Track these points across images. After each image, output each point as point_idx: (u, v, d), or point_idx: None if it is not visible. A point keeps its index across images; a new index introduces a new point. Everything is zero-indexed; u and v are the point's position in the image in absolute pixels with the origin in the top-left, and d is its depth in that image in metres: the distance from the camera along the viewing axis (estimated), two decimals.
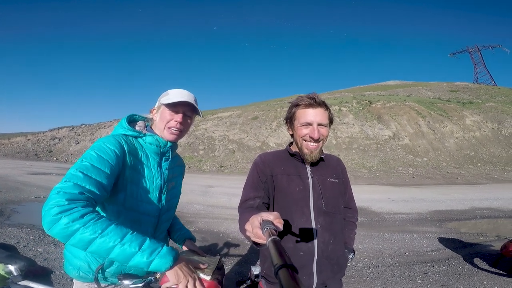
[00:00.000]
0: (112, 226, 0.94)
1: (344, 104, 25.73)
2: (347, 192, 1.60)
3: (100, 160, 1.08)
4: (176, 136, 1.33)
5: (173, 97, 1.29)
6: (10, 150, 23.50)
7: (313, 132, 1.32)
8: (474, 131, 22.31)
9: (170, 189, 1.39)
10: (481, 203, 8.56)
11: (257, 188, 1.35)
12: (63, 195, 0.92)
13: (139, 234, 0.99)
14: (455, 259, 4.26)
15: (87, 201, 0.97)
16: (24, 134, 29.38)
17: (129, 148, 1.22)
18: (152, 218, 1.30)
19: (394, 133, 21.43)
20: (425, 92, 36.38)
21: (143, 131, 1.32)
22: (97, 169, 1.06)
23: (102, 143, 1.15)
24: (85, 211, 0.92)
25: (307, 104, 1.34)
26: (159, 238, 1.39)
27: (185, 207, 7.28)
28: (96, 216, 0.94)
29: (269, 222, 0.79)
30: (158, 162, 1.33)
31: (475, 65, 68.82)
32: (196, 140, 21.20)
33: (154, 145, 1.31)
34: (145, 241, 0.97)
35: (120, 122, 1.31)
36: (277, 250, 0.60)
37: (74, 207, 0.91)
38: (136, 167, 1.24)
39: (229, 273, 3.62)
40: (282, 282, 0.50)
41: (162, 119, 1.31)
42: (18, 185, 9.29)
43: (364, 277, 3.65)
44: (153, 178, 1.29)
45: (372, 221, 6.55)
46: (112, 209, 1.19)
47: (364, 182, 13.52)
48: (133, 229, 1.21)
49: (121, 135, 1.24)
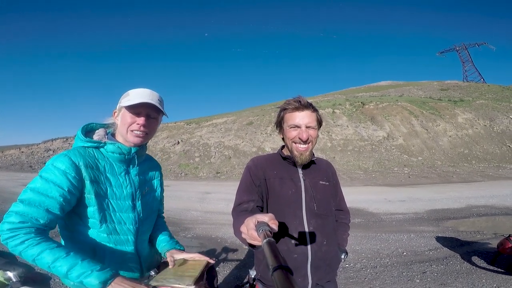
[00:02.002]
0: (46, 251, 1.02)
1: (337, 106, 25.90)
2: (338, 194, 1.63)
3: (45, 185, 1.08)
4: (141, 139, 1.26)
5: (133, 98, 1.22)
6: (4, 163, 23.18)
7: (301, 134, 1.35)
8: (466, 129, 22.58)
9: (145, 195, 1.36)
10: (477, 200, 8.63)
11: (251, 191, 1.36)
12: (6, 225, 1.03)
13: (76, 256, 1.04)
14: (453, 257, 4.27)
15: (29, 227, 1.04)
16: (18, 146, 29.03)
17: (87, 161, 1.18)
18: (130, 226, 1.28)
19: (388, 133, 21.60)
20: (417, 92, 36.82)
21: (103, 139, 1.27)
22: (41, 195, 1.07)
23: (51, 164, 1.12)
24: (25, 238, 1.02)
25: (294, 107, 1.37)
26: (142, 245, 1.37)
27: (183, 213, 7.25)
28: (34, 242, 1.02)
29: (264, 223, 0.79)
30: (125, 170, 1.29)
31: (463, 63, 69.88)
32: (192, 148, 21.12)
33: (116, 153, 1.25)
34: (76, 264, 1.02)
35: (76, 133, 1.25)
36: (272, 252, 0.60)
37: (15, 235, 1.02)
38: (99, 179, 1.20)
39: (227, 277, 3.61)
40: (277, 283, 0.50)
41: (123, 123, 1.24)
42: (13, 196, 9.15)
43: (362, 278, 3.65)
44: (122, 187, 1.26)
45: (369, 222, 6.56)
46: (88, 222, 1.19)
47: (360, 183, 13.57)
48: (112, 239, 1.24)
49: (79, 148, 1.20)
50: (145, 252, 1.38)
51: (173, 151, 21.14)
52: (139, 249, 1.33)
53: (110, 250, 1.23)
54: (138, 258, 1.33)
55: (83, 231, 1.19)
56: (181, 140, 22.52)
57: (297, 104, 1.37)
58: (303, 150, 1.37)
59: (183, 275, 1.20)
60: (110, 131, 1.32)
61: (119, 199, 1.24)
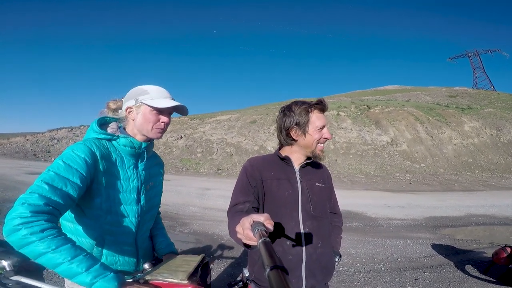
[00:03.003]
0: (68, 245, 0.96)
1: (342, 108, 25.79)
2: (332, 198, 1.63)
3: (68, 169, 1.07)
4: (162, 135, 1.33)
5: (159, 98, 1.27)
6: (9, 150, 23.46)
7: (327, 134, 1.41)
8: (472, 138, 22.35)
9: (148, 189, 1.39)
10: (477, 209, 8.57)
11: (247, 192, 1.36)
12: (27, 207, 0.93)
13: (93, 258, 1.02)
14: (447, 265, 4.27)
15: (50, 214, 0.98)
16: (23, 134, 29.35)
17: (102, 152, 1.20)
18: (132, 219, 1.30)
19: (392, 138, 21.47)
20: (424, 97, 36.47)
21: (116, 133, 1.30)
22: (64, 179, 1.05)
23: (71, 150, 1.13)
24: (45, 226, 0.94)
25: (321, 108, 1.41)
26: (142, 237, 1.40)
27: (181, 209, 7.30)
28: (55, 233, 0.96)
29: (260, 223, 0.79)
30: (134, 164, 1.32)
31: (474, 70, 68.23)
32: (194, 143, 21.21)
33: (128, 146, 1.29)
34: (94, 265, 0.99)
35: (91, 125, 1.28)
36: (268, 252, 0.61)
37: (36, 221, 0.92)
38: (111, 171, 1.23)
39: (221, 275, 3.64)
40: (272, 283, 0.50)
41: (147, 121, 1.27)
42: (16, 184, 9.27)
43: (354, 282, 3.66)
44: (129, 180, 1.29)
45: (366, 226, 6.56)
46: (92, 213, 1.20)
47: (361, 187, 13.54)
48: (114, 230, 1.25)
49: (94, 139, 1.22)
50: (144, 245, 1.41)
51: (176, 145, 21.24)
52: (139, 241, 1.36)
53: (110, 241, 1.25)
54: (136, 250, 1.35)
55: (85, 223, 1.21)
56: (184, 135, 22.62)
57: (322, 106, 1.41)
58: (323, 148, 1.44)
59: (177, 270, 1.21)
60: (122, 125, 1.35)
61: (125, 192, 1.27)
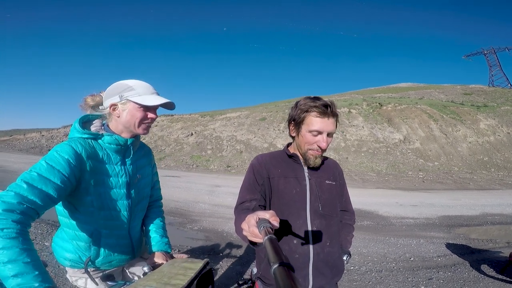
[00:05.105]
0: (15, 249, 0.89)
1: (354, 106, 25.46)
2: (344, 195, 1.59)
3: (50, 171, 1.07)
4: (148, 131, 1.34)
5: (145, 94, 1.27)
6: (25, 145, 24.12)
7: (321, 143, 1.29)
8: (488, 136, 21.73)
9: (137, 182, 1.41)
10: (493, 209, 8.33)
11: (254, 190, 1.35)
12: (1, 204, 0.93)
13: (35, 267, 0.90)
14: (462, 265, 4.17)
15: (23, 213, 0.95)
16: (39, 130, 30.14)
17: (88, 152, 1.21)
18: (124, 213, 1.35)
19: (405, 136, 21.08)
20: (438, 95, 35.62)
21: (100, 131, 1.31)
22: (45, 179, 1.04)
23: (55, 152, 1.13)
24: (8, 226, 0.90)
25: (320, 112, 1.27)
26: (135, 229, 1.45)
27: (191, 205, 7.36)
28: (13, 234, 0.90)
29: (265, 220, 0.79)
30: (121, 159, 1.34)
31: (490, 68, 66.55)
32: (205, 140, 21.33)
33: (113, 144, 1.30)
34: (27, 274, 0.87)
35: (73, 124, 1.27)
36: (273, 249, 0.60)
37: (3, 218, 0.91)
38: (98, 169, 1.25)
39: (230, 273, 3.64)
40: (278, 280, 0.49)
41: (134, 117, 1.28)
42: None
43: (366, 281, 3.62)
44: (117, 176, 1.31)
45: (378, 225, 6.47)
46: (85, 210, 1.24)
47: (373, 185, 13.35)
48: (108, 225, 1.31)
49: (79, 139, 1.22)
50: (137, 236, 1.48)
51: (186, 142, 21.42)
52: (132, 233, 1.42)
53: (106, 234, 1.31)
54: (130, 241, 1.42)
55: (80, 218, 1.26)
56: (195, 132, 22.78)
57: (326, 110, 1.27)
58: (318, 154, 1.33)
59: (168, 282, 1.08)
60: (105, 122, 1.35)
61: (115, 188, 1.30)
